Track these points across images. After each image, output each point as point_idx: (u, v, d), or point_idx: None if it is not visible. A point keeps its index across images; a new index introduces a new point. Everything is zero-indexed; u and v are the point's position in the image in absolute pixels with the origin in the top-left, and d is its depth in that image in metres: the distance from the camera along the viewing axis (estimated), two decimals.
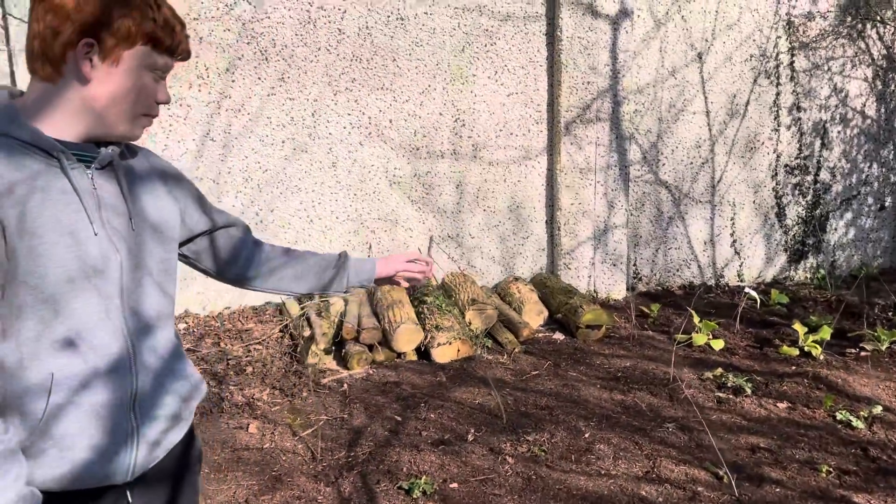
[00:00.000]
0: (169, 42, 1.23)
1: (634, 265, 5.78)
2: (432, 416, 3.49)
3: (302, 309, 4.60)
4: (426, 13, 4.90)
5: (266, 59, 4.65)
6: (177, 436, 1.31)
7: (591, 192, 5.34)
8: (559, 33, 5.10)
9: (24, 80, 4.08)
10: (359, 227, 5.03)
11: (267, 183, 4.79)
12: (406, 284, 1.72)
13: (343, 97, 4.83)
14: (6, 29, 4.07)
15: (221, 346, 4.34)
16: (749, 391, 3.76)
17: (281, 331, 4.54)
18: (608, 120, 5.27)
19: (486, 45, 5.07)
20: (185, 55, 1.29)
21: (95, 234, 1.19)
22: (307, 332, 4.33)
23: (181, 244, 1.46)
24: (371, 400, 3.68)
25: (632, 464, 3.05)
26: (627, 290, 5.69)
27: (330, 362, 4.19)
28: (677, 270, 5.93)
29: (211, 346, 4.32)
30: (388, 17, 4.83)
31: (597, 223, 5.40)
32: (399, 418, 3.47)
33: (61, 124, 1.18)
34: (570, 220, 5.36)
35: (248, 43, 4.60)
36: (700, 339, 4.49)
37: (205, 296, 4.79)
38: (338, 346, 4.30)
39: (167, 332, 1.33)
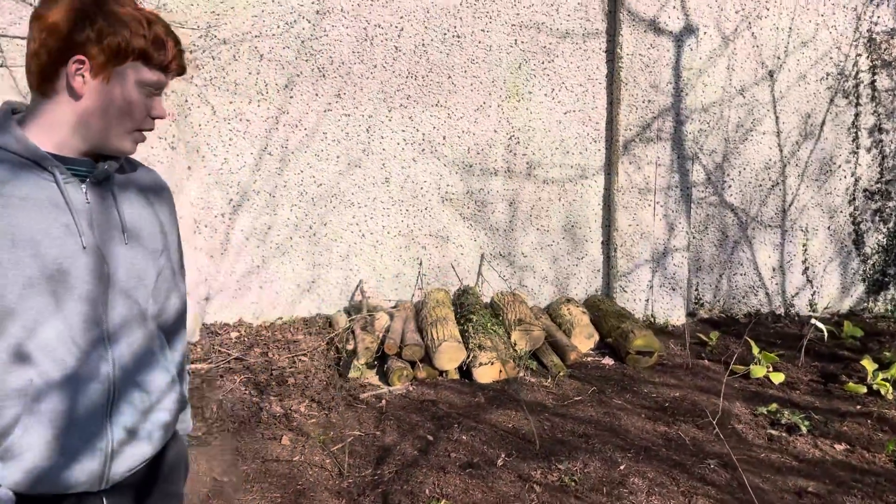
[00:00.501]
0: (160, 58, 1.25)
1: (696, 290, 5.56)
2: (464, 437, 3.43)
3: (349, 322, 4.64)
4: (483, 30, 4.89)
5: (323, 75, 4.74)
6: (139, 449, 1.31)
7: (650, 213, 5.18)
8: (619, 50, 4.98)
9: None
10: (410, 242, 5.04)
11: (321, 197, 4.87)
12: None
13: (398, 113, 4.87)
14: None
15: (269, 356, 4.42)
16: (805, 430, 3.54)
17: (327, 343, 4.59)
18: (669, 139, 5.10)
19: (543, 63, 5.01)
20: (179, 71, 1.31)
21: (84, 248, 1.22)
22: (350, 346, 4.36)
23: None
24: (406, 417, 3.66)
25: (665, 500, 2.91)
26: (687, 315, 5.48)
27: (372, 377, 4.20)
28: (743, 297, 5.66)
29: (258, 356, 4.41)
30: (445, 34, 4.85)
31: (655, 245, 5.23)
32: (431, 438, 3.43)
33: (57, 139, 1.22)
34: (628, 241, 5.21)
35: (306, 60, 4.70)
36: (758, 371, 4.26)
37: (258, 306, 4.89)
38: (381, 361, 4.31)
39: (145, 343, 1.35)
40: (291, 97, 4.73)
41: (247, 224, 4.80)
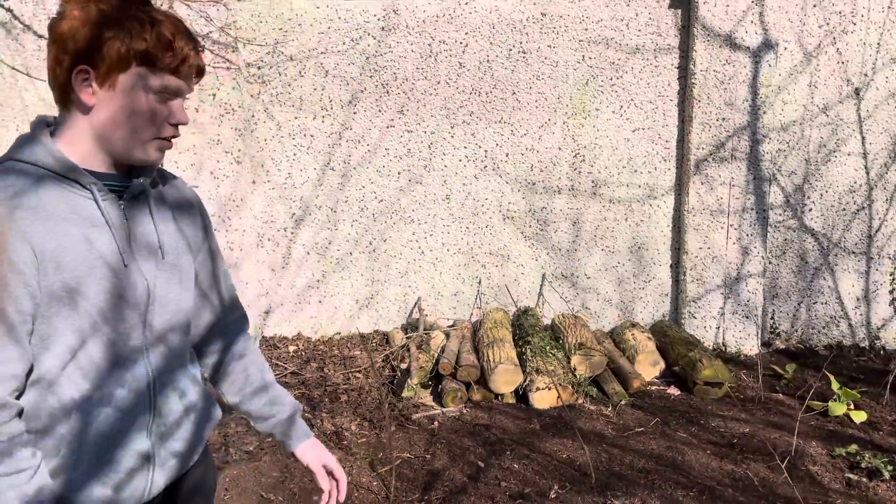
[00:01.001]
0: (168, 60, 1.16)
1: (772, 319, 5.26)
2: (516, 465, 3.31)
3: (405, 339, 4.58)
4: (549, 46, 4.79)
5: (387, 91, 4.74)
6: (157, 476, 1.27)
7: (723, 236, 4.94)
8: (692, 66, 4.79)
9: None
10: (469, 260, 4.95)
11: (381, 213, 4.85)
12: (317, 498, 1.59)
13: (460, 130, 4.81)
14: None
15: (324, 371, 4.41)
16: (887, 475, 3.25)
17: (384, 360, 4.54)
18: (745, 159, 4.86)
19: (611, 79, 4.87)
20: (195, 72, 1.22)
21: (126, 266, 1.19)
22: (405, 364, 4.30)
23: None
24: (457, 441, 3.56)
25: None
26: (762, 345, 5.19)
27: (426, 397, 4.12)
28: (823, 328, 5.32)
29: (314, 371, 4.40)
30: (510, 50, 4.77)
31: (728, 270, 4.98)
32: (482, 464, 3.32)
33: (82, 152, 1.18)
34: (698, 265, 4.98)
35: (370, 76, 4.71)
36: (838, 408, 3.97)
37: (317, 320, 4.90)
38: (436, 381, 4.23)
39: (180, 363, 1.32)
40: (355, 113, 4.73)
41: (308, 238, 4.82)
